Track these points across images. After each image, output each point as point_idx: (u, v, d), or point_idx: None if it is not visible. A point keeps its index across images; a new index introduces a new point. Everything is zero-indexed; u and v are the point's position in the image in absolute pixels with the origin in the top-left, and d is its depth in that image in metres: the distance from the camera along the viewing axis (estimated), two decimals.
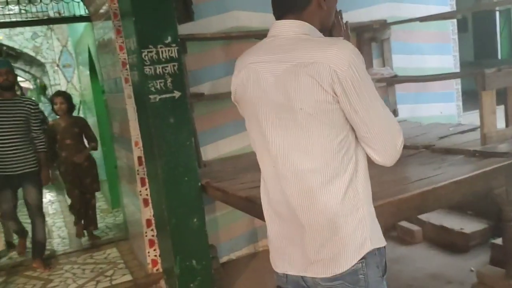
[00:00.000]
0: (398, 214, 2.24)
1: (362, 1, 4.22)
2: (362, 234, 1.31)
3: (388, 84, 4.20)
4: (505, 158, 2.54)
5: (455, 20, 4.76)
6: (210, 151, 3.67)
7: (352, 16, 4.12)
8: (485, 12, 9.29)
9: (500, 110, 2.99)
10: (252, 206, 2.39)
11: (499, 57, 11.21)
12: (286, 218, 1.38)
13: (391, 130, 1.32)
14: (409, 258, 3.53)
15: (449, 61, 4.77)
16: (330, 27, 1.45)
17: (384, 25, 4.10)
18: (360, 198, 1.32)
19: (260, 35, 3.68)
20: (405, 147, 3.27)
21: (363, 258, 1.31)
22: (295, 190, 1.32)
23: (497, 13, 10.68)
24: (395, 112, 4.34)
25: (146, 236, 3.57)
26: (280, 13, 1.35)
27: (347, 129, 1.29)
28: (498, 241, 3.05)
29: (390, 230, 3.97)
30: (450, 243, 3.59)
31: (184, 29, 3.35)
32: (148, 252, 3.59)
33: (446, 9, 4.60)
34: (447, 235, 3.62)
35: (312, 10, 1.33)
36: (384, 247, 1.38)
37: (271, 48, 1.33)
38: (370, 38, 4.17)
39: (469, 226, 3.58)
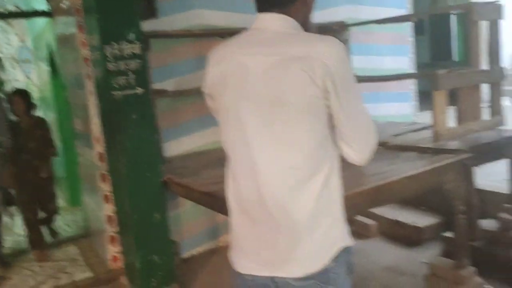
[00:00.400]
0: (354, 208, 2.33)
1: (322, 3, 4.30)
2: (335, 233, 1.33)
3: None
4: (455, 154, 2.69)
5: (411, 23, 4.95)
6: (173, 148, 3.69)
7: (327, 14, 4.25)
8: (441, 16, 9.64)
9: (453, 110, 3.17)
10: (214, 201, 2.43)
11: (455, 59, 11.65)
12: (259, 218, 1.34)
13: (371, 130, 1.36)
14: (364, 252, 3.67)
15: (406, 62, 4.96)
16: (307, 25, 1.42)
17: (342, 26, 4.23)
18: (334, 197, 1.34)
19: (224, 33, 3.74)
20: None
21: (335, 257, 1.32)
22: (274, 187, 1.29)
23: (453, 17, 11.09)
24: None
25: (107, 232, 3.55)
26: (266, 6, 1.33)
27: (328, 127, 1.30)
28: (449, 234, 3.23)
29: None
30: (404, 236, 3.75)
31: (147, 26, 3.36)
32: (109, 249, 3.58)
33: (403, 12, 4.78)
34: (401, 229, 3.78)
35: (298, 6, 1.34)
36: (351, 246, 1.38)
37: (258, 40, 1.31)
38: None
39: (422, 220, 3.75)
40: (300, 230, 1.29)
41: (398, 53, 4.89)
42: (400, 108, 4.97)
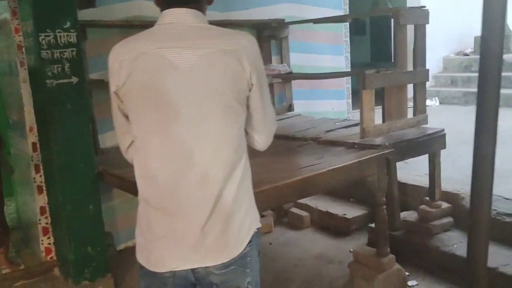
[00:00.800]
0: (283, 197, 2.46)
1: (263, 0, 4.44)
2: (250, 218, 1.41)
3: (285, 80, 4.47)
4: (379, 149, 2.88)
5: (348, 24, 5.16)
6: (109, 139, 3.66)
7: (253, 13, 4.34)
8: (381, 18, 10.03)
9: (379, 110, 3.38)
10: None
11: (393, 60, 12.15)
12: (179, 213, 1.34)
13: (275, 119, 1.53)
14: (297, 241, 3.83)
15: (342, 62, 5.17)
16: None
17: (282, 24, 4.36)
18: (248, 184, 1.44)
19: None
20: (295, 138, 3.55)
21: (250, 241, 1.40)
22: (200, 179, 1.31)
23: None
24: (291, 107, 4.64)
25: (40, 224, 3.49)
26: (179, 1, 1.35)
27: (245, 118, 1.40)
28: (373, 225, 3.44)
29: (282, 216, 4.27)
30: (334, 227, 3.95)
31: (85, 15, 3.32)
32: (42, 240, 3.52)
33: (340, 13, 4.98)
34: (332, 220, 3.98)
35: (204, 3, 1.41)
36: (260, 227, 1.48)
37: (176, 35, 1.31)
38: (269, 35, 4.40)
39: (350, 212, 3.96)
40: (223, 219, 1.34)
41: (335, 52, 5.08)
42: (336, 105, 5.18)
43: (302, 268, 3.40)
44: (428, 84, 8.38)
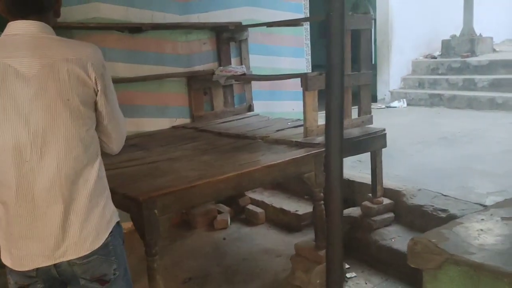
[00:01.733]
0: (217, 192, 2.59)
1: (223, 3, 4.57)
2: (109, 212, 1.58)
3: (244, 81, 4.62)
4: (317, 148, 3.04)
5: (308, 27, 5.33)
6: None
7: (212, 16, 4.48)
8: None
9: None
10: None
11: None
12: (36, 213, 1.43)
13: (125, 126, 1.69)
14: (250, 237, 3.98)
15: (303, 64, 5.33)
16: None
17: (239, 26, 4.50)
18: (104, 182, 1.60)
19: (122, 27, 3.90)
20: (245, 137, 3.68)
21: (111, 231, 1.56)
22: (53, 180, 1.42)
23: None
24: (250, 107, 4.79)
25: None
26: (23, 14, 1.44)
27: (94, 122, 1.55)
28: None
29: (239, 213, 4.41)
30: (287, 223, 4.10)
31: None
32: None
33: (300, 16, 5.13)
34: (285, 216, 4.13)
35: (51, 15, 1.53)
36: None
37: (20, 44, 1.40)
38: (228, 38, 4.54)
39: (302, 208, 4.11)
40: (85, 214, 1.48)
41: (295, 55, 5.23)
42: (296, 106, 5.32)
43: (250, 262, 3.54)
44: (397, 86, 8.71)
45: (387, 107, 8.11)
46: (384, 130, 3.52)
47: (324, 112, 1.44)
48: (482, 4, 8.53)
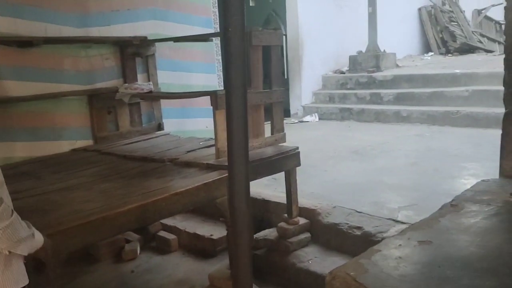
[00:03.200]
0: (118, 227, 2.31)
1: (127, 16, 4.29)
2: None
3: (152, 99, 4.35)
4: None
5: (218, 42, 5.18)
6: None
7: (115, 30, 4.17)
8: None
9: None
10: None
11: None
12: None
13: None
14: (161, 267, 3.69)
15: (215, 80, 5.17)
16: None
17: (145, 41, 4.24)
18: None
19: (10, 41, 3.49)
20: (152, 160, 3.40)
21: None
22: None
23: None
24: (160, 126, 4.52)
25: None
26: None
27: None
28: None
29: (149, 240, 4.10)
30: (202, 249, 3.87)
31: None
32: None
33: (210, 31, 4.98)
34: (199, 241, 3.89)
35: None
36: None
37: None
38: (133, 53, 4.26)
39: (218, 232, 3.89)
40: None
41: (206, 71, 5.07)
42: (210, 123, 5.11)
43: None
44: (308, 100, 8.82)
45: (300, 121, 8.19)
46: (297, 148, 3.43)
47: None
48: (385, 21, 8.97)
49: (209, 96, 3.19)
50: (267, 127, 3.51)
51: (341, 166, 4.90)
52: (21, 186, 2.84)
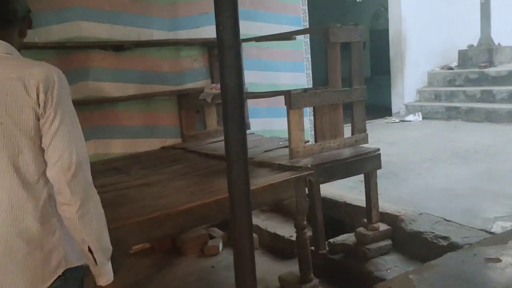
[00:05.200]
0: (180, 225, 2.37)
1: (211, 18, 4.39)
2: (59, 255, 1.35)
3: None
4: (299, 171, 2.79)
5: (308, 40, 5.10)
6: None
7: (203, 31, 4.31)
8: (381, 31, 9.94)
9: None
10: None
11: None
12: None
13: (88, 172, 1.37)
14: None
15: (303, 79, 5.09)
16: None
17: None
18: (56, 220, 1.36)
19: (106, 45, 3.77)
20: (222, 158, 3.45)
21: (62, 276, 1.36)
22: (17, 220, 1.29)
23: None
24: (247, 126, 4.57)
25: None
26: None
27: (34, 151, 1.31)
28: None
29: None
30: (281, 249, 3.84)
31: None
32: None
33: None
34: (279, 242, 3.86)
35: (15, 34, 1.41)
36: (82, 265, 1.43)
37: None
38: None
39: None
40: (24, 255, 1.30)
41: (294, 70, 5.01)
42: None
43: None
44: (412, 98, 8.35)
45: (402, 121, 7.78)
46: (378, 150, 3.24)
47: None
48: (500, 12, 8.14)
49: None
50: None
51: (438, 169, 4.54)
52: (108, 180, 3.05)
